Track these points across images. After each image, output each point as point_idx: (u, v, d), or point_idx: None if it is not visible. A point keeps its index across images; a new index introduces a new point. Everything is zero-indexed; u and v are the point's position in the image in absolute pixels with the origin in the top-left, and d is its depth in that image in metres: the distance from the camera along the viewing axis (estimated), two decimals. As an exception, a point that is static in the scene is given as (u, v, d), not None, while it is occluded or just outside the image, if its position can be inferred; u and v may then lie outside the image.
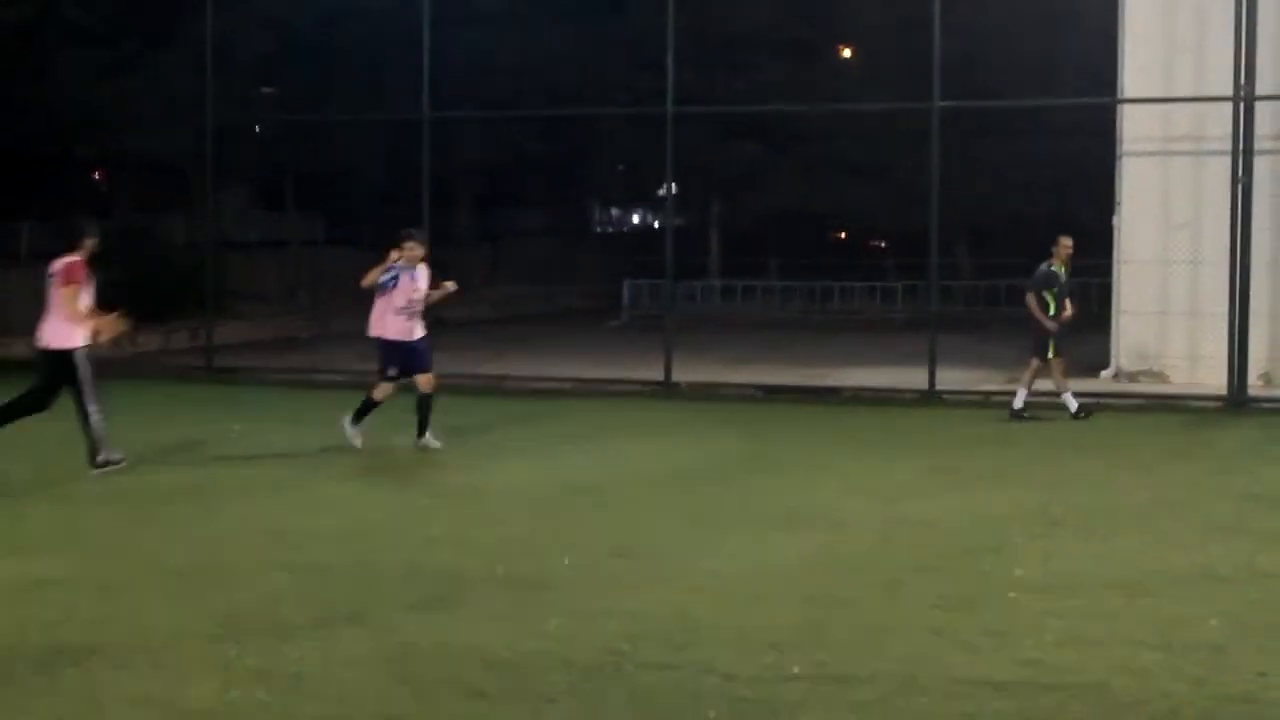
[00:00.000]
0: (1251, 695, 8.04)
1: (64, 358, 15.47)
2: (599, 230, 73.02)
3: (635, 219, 73.72)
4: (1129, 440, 19.57)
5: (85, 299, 15.58)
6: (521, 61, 44.15)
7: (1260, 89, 23.70)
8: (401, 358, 17.79)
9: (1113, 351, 25.93)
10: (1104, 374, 25.75)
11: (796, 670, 8.47)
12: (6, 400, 15.93)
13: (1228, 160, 23.67)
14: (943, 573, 11.13)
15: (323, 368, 27.04)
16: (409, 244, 17.74)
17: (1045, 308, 21.47)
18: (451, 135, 38.70)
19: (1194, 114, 24.86)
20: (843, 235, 56.74)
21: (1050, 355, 21.41)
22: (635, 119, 41.70)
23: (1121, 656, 8.78)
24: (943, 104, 25.11)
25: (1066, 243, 21.84)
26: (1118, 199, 26.01)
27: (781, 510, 13.96)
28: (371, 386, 18.04)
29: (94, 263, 15.87)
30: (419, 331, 17.91)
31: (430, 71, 26.99)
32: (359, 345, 20.12)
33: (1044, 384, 21.64)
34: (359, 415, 17.86)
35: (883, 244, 52.73)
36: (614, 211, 74.09)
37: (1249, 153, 23.61)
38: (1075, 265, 22.01)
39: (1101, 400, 22.81)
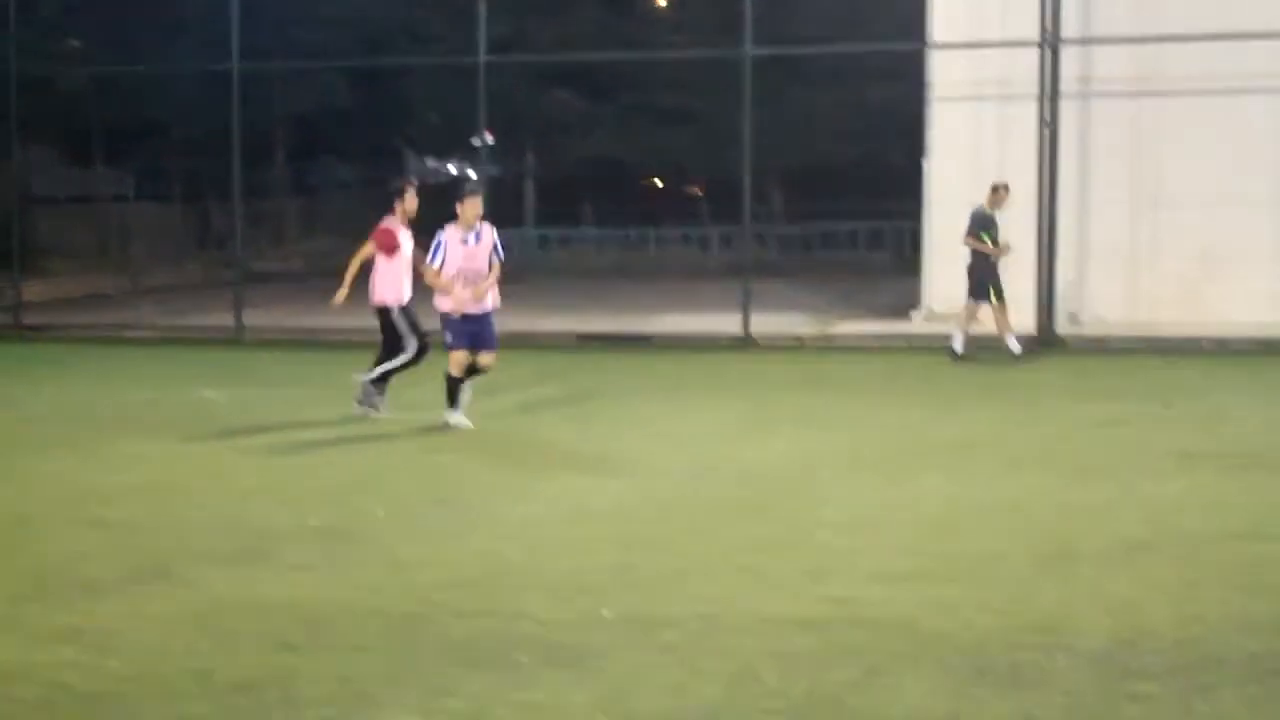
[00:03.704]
0: (1053, 625, 8.17)
1: (385, 311, 17.39)
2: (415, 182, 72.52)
3: (451, 170, 73.23)
4: (940, 380, 19.85)
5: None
6: (333, 11, 43.66)
7: (1066, 33, 24.09)
8: (470, 330, 15.87)
9: (924, 293, 26.25)
10: (915, 315, 26.07)
11: (607, 614, 8.49)
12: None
13: (1035, 104, 24.05)
14: (752, 515, 11.21)
15: (133, 324, 26.64)
16: (468, 199, 16.03)
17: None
18: (263, 87, 38.28)
19: (1002, 59, 25.16)
20: (658, 183, 56.77)
21: (994, 299, 21.62)
22: (448, 68, 41.50)
23: (929, 591, 8.89)
24: (755, 51, 25.27)
25: (1007, 190, 21.94)
26: (928, 143, 26.30)
27: (595, 457, 13.99)
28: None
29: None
30: (489, 302, 16.01)
31: (240, 22, 26.66)
32: (169, 301, 19.84)
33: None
34: (452, 400, 15.89)
35: (698, 191, 52.84)
36: (430, 163, 73.57)
37: (1055, 97, 24.02)
38: (888, 209, 22.24)
39: (914, 342, 23.12)
